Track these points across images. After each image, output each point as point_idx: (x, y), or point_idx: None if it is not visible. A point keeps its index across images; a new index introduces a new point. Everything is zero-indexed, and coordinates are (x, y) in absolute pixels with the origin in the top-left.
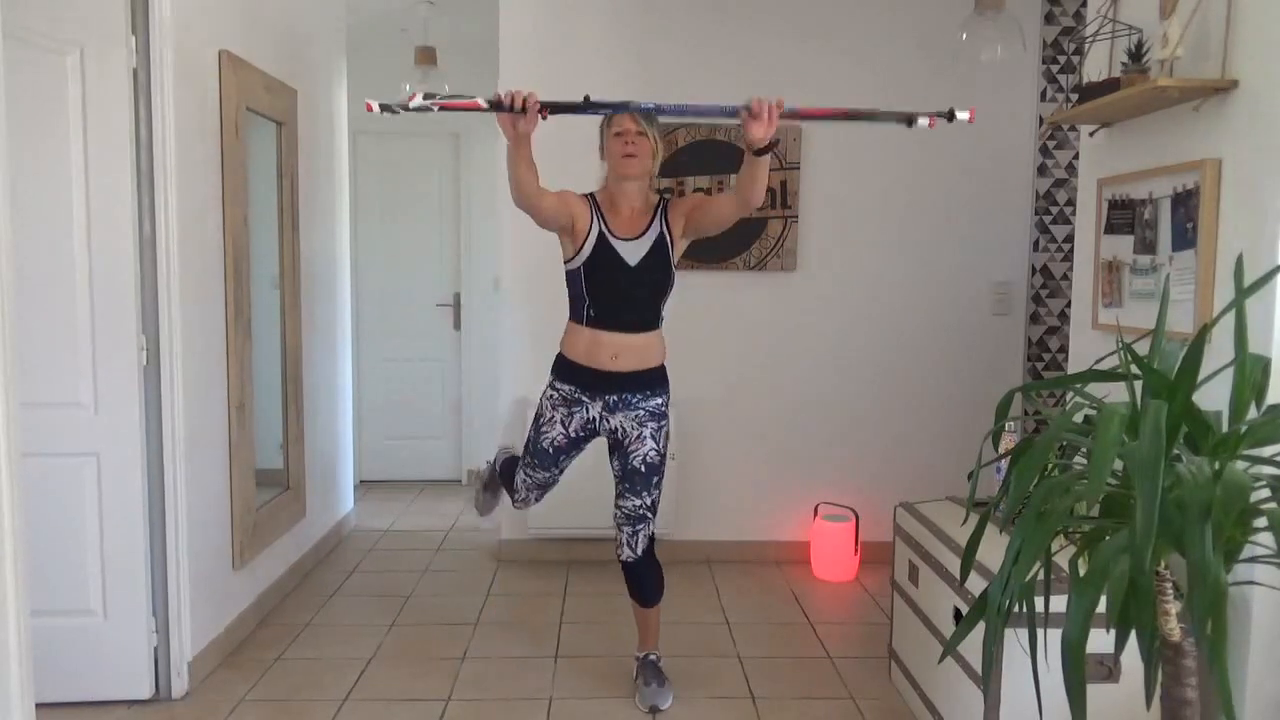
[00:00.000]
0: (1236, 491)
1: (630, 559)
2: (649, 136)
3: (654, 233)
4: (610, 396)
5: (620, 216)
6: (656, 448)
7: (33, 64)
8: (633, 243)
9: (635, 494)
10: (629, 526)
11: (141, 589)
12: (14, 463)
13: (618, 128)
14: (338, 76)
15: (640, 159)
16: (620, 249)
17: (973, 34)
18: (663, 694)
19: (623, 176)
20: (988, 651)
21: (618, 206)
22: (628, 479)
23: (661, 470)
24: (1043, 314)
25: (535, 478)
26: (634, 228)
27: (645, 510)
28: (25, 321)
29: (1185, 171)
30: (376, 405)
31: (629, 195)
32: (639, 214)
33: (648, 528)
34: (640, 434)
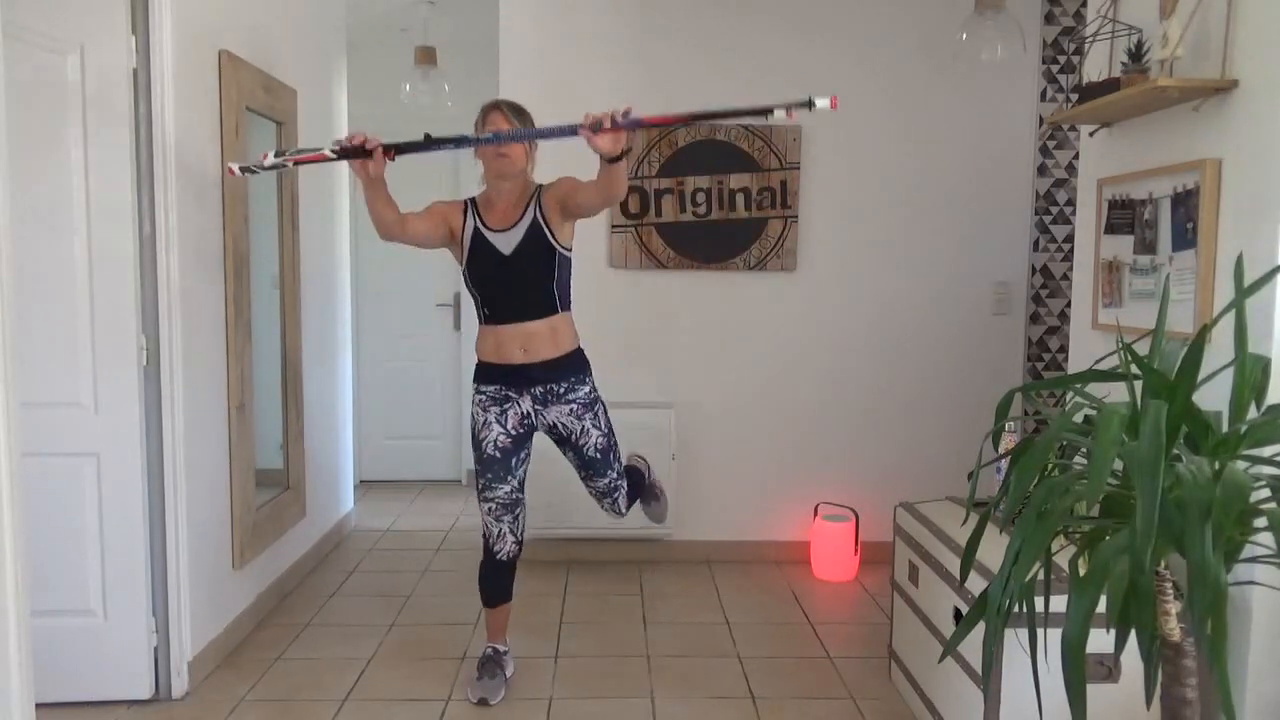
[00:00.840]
0: (1236, 491)
1: (619, 515)
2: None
3: (526, 219)
4: (535, 389)
5: (495, 211)
6: (601, 430)
7: (33, 64)
8: (505, 233)
9: (600, 475)
10: (607, 499)
11: (141, 589)
12: (14, 463)
13: (490, 128)
14: (338, 76)
15: (513, 159)
16: (494, 240)
17: (973, 34)
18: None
19: (497, 176)
20: (988, 651)
21: (493, 204)
22: (587, 466)
23: (614, 445)
24: (1043, 314)
25: (497, 496)
26: (508, 219)
27: (613, 483)
28: (25, 321)
29: (1185, 171)
30: (376, 405)
31: (504, 193)
32: (514, 206)
33: (620, 491)
34: (582, 426)
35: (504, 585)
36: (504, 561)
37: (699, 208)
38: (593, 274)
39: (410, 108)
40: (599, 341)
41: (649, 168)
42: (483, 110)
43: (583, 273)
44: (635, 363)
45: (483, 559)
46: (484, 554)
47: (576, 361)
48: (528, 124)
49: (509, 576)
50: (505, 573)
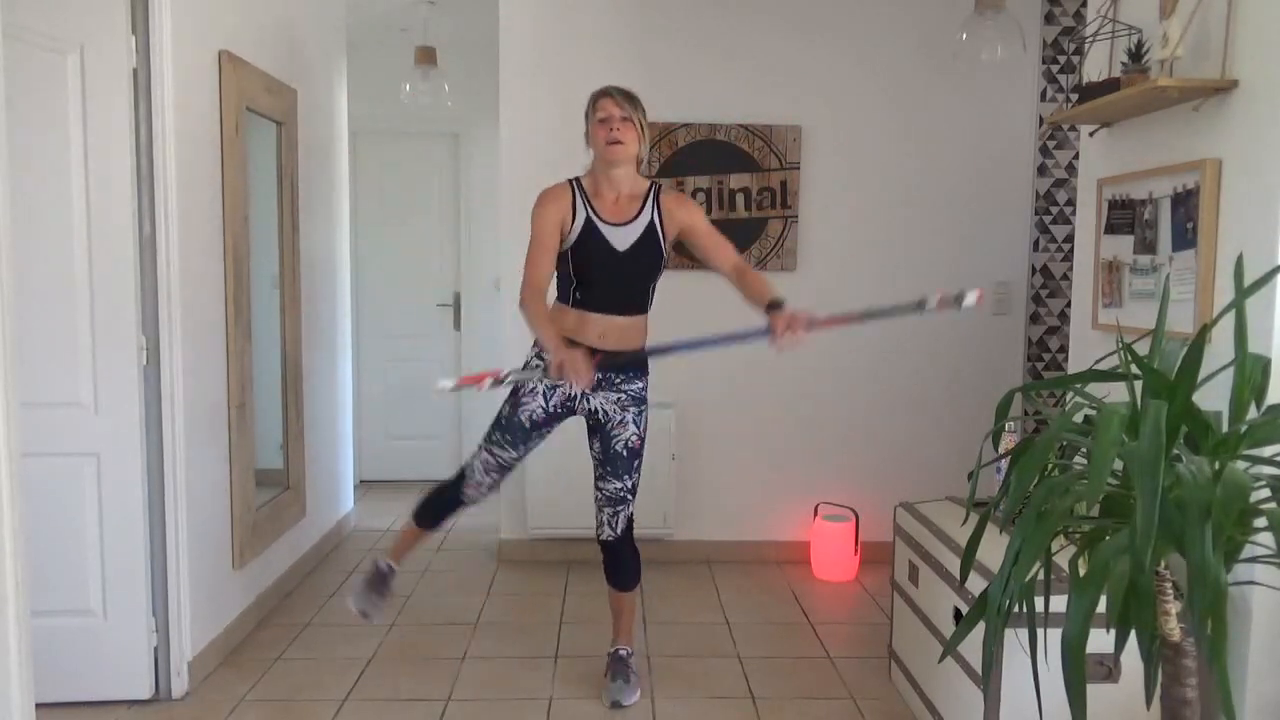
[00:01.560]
0: (1236, 491)
1: (610, 538)
2: (634, 121)
3: (645, 219)
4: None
5: (606, 202)
6: (638, 432)
7: (33, 64)
8: (621, 228)
9: (617, 477)
10: (609, 508)
11: (141, 589)
12: (14, 463)
13: (602, 113)
14: (338, 76)
15: (626, 145)
16: (609, 235)
17: (973, 34)
18: (628, 690)
19: (609, 163)
20: (988, 651)
21: (603, 193)
22: (609, 462)
23: (642, 454)
24: (1043, 314)
25: (500, 457)
26: (622, 213)
27: (626, 493)
28: (25, 321)
29: (1185, 171)
30: (376, 405)
31: (615, 181)
32: (626, 199)
33: (627, 509)
34: (623, 418)
35: (446, 513)
36: (463, 501)
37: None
38: None
39: (410, 108)
40: None
41: (649, 168)
42: (592, 97)
43: None
44: None
45: (444, 484)
46: (449, 482)
47: (642, 359)
48: (639, 110)
49: (453, 510)
50: (454, 508)
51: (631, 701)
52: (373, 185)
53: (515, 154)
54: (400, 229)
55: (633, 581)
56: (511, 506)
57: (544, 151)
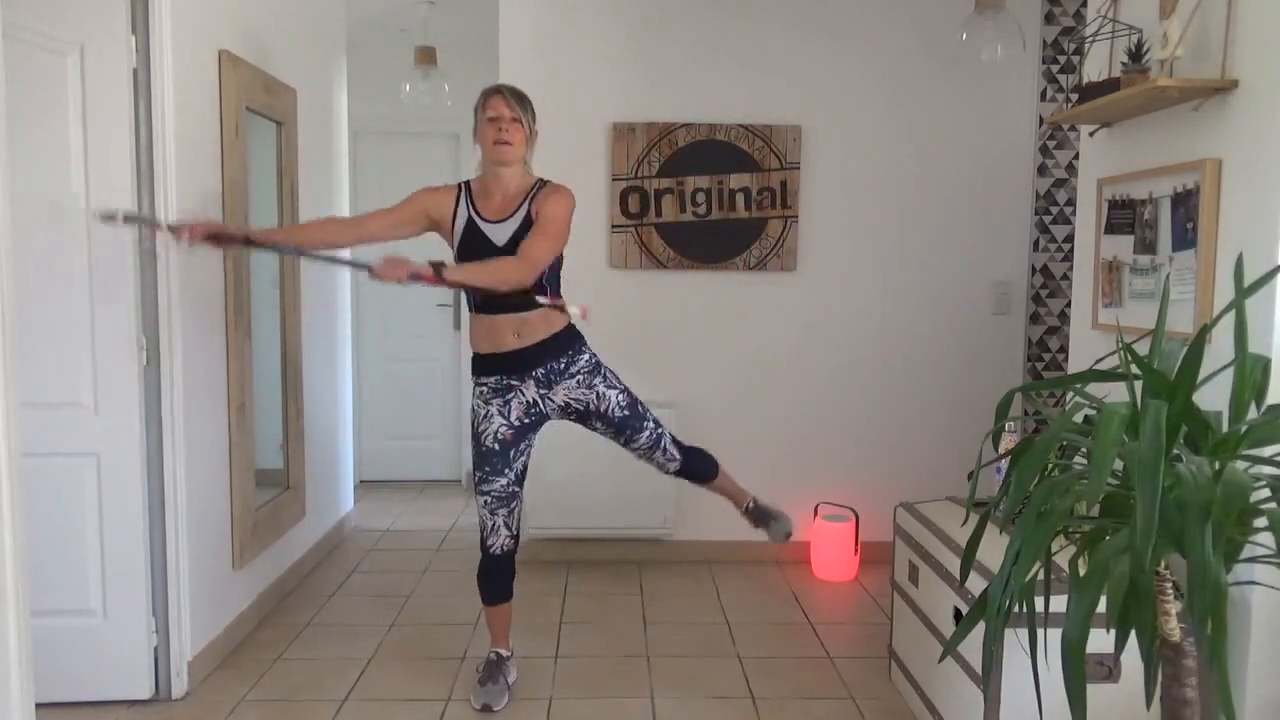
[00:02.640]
0: (1236, 491)
1: (678, 467)
2: (523, 123)
3: (521, 213)
4: (537, 371)
5: (492, 201)
6: (617, 388)
7: (33, 64)
8: (501, 224)
9: (637, 432)
10: (655, 451)
11: (141, 589)
12: (14, 463)
13: (491, 112)
14: (338, 76)
15: (513, 146)
16: (488, 231)
17: (973, 34)
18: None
19: (495, 162)
20: (988, 651)
21: (490, 192)
22: (621, 427)
23: (637, 400)
24: (1043, 314)
25: (494, 491)
26: (504, 210)
27: (654, 433)
28: (25, 321)
29: (1185, 171)
30: (376, 405)
31: (502, 180)
32: (511, 197)
33: (665, 439)
34: (596, 393)
35: (502, 582)
36: (498, 556)
37: (699, 208)
38: (593, 274)
39: (410, 108)
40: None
41: (649, 168)
42: (483, 95)
43: (583, 273)
44: (635, 363)
45: (481, 556)
46: (481, 549)
47: (570, 335)
48: (529, 112)
49: (507, 573)
50: (502, 568)
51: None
52: (373, 185)
53: None
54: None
55: (714, 468)
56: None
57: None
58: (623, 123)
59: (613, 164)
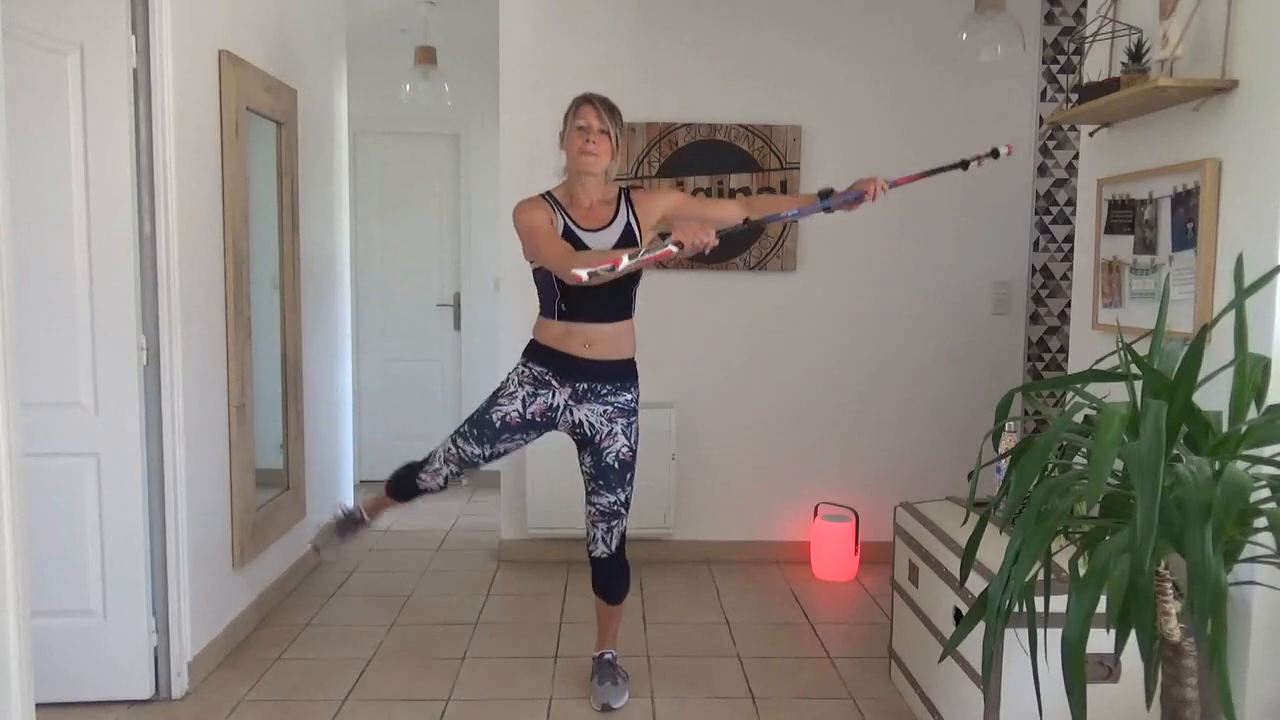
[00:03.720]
0: (1236, 491)
1: (604, 555)
2: (610, 135)
3: (621, 222)
4: (580, 384)
5: (581, 209)
6: (629, 444)
7: (33, 64)
8: (599, 233)
9: (610, 490)
10: (604, 523)
11: (141, 589)
12: (14, 463)
13: (580, 120)
14: (338, 76)
15: (599, 157)
16: (587, 240)
17: (973, 34)
18: (617, 692)
19: (581, 171)
20: (988, 651)
21: (578, 200)
22: (601, 476)
23: (633, 467)
24: (1043, 314)
25: (463, 450)
26: (598, 219)
27: (619, 506)
28: (25, 321)
29: (1185, 171)
30: (376, 405)
31: (588, 189)
32: (600, 205)
33: (621, 523)
34: (611, 430)
35: (410, 494)
36: (418, 486)
37: None
38: None
39: (410, 108)
40: None
41: (649, 168)
42: (574, 102)
43: None
44: None
45: (412, 463)
46: (416, 463)
47: (629, 369)
48: (619, 122)
49: (414, 493)
50: (412, 490)
51: (620, 703)
52: (373, 185)
53: (515, 154)
54: (400, 229)
55: (623, 595)
56: (511, 506)
57: (544, 151)
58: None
59: None
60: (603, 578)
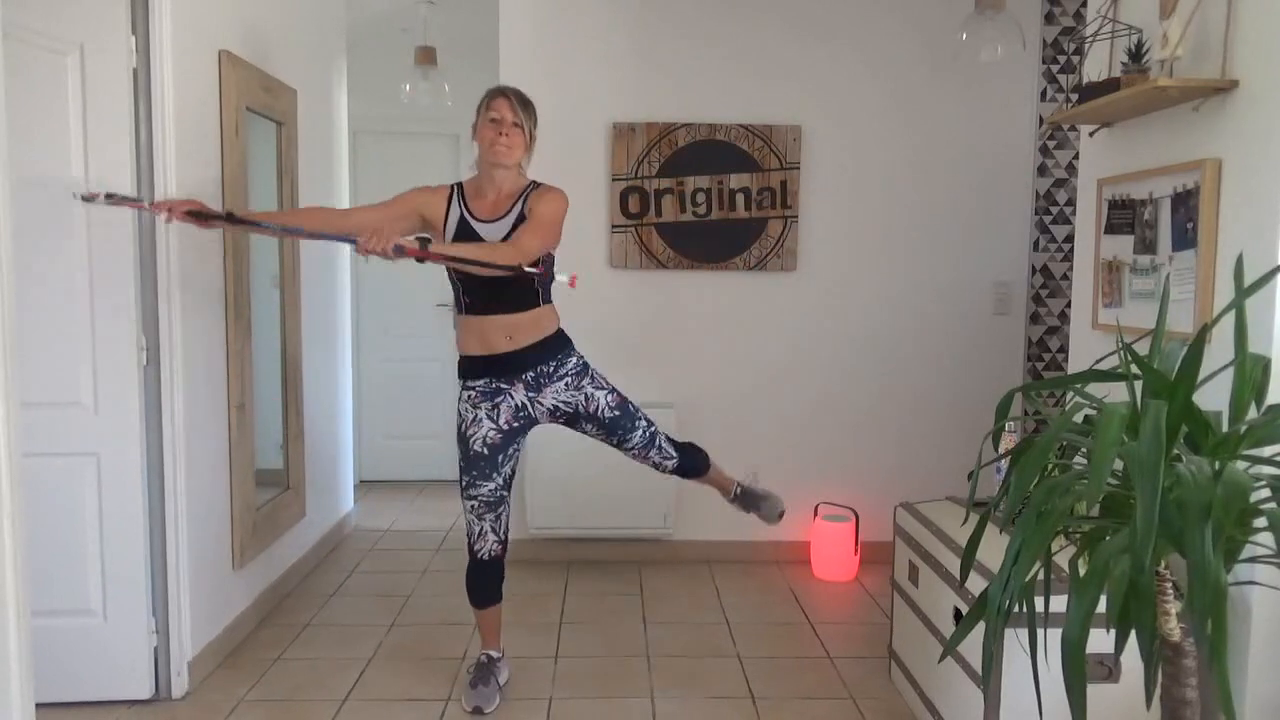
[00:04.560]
0: (1236, 491)
1: (675, 465)
2: (523, 128)
3: (515, 213)
4: (526, 374)
5: (485, 201)
6: (605, 389)
7: (33, 64)
8: (494, 224)
9: (630, 430)
10: (652, 450)
11: (141, 589)
12: (14, 463)
13: (494, 113)
14: (338, 76)
15: (511, 150)
16: (480, 230)
17: (973, 34)
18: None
19: (491, 163)
20: (988, 651)
21: (483, 192)
22: (612, 430)
23: (628, 400)
24: (1043, 314)
25: (480, 494)
26: (497, 210)
27: (647, 432)
28: (25, 321)
29: (1185, 171)
30: (376, 405)
31: (496, 181)
32: (504, 198)
33: (659, 438)
34: (585, 394)
35: (491, 585)
36: (486, 561)
37: (699, 208)
38: (593, 274)
39: (410, 108)
40: (599, 341)
41: (649, 168)
42: (487, 94)
43: (583, 273)
44: (635, 363)
45: (468, 560)
46: (468, 554)
47: (559, 338)
48: (531, 117)
49: (496, 576)
50: (491, 572)
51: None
52: (373, 185)
53: None
54: None
55: (707, 464)
56: (512, 507)
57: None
58: (623, 123)
59: (613, 164)
60: (686, 471)
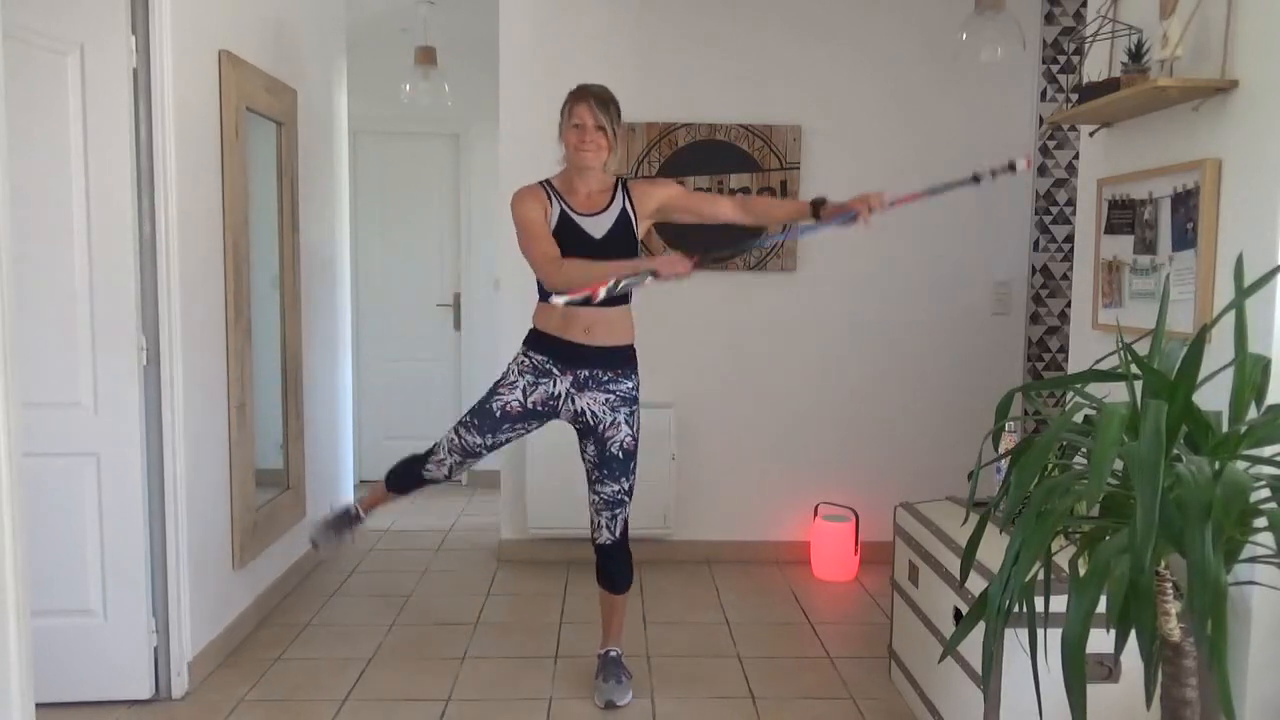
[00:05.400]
0: (1236, 491)
1: (609, 541)
2: (607, 132)
3: (616, 207)
4: (582, 371)
5: (578, 196)
6: (632, 433)
7: (33, 64)
8: (595, 218)
9: (614, 479)
10: (607, 511)
11: (141, 589)
12: (14, 463)
13: (575, 119)
14: (338, 76)
15: (595, 153)
16: (584, 224)
17: (973, 34)
18: (621, 690)
19: (579, 166)
20: (987, 651)
21: (575, 189)
22: (605, 465)
23: (636, 455)
24: (1043, 314)
25: (465, 440)
26: (594, 204)
27: (623, 494)
28: (25, 321)
29: (1185, 171)
30: (376, 405)
31: (586, 180)
32: (597, 193)
33: (625, 511)
34: (615, 419)
35: (411, 485)
36: (423, 476)
37: None
38: None
39: (410, 108)
40: None
41: (649, 168)
42: (569, 98)
43: None
44: None
45: (415, 455)
46: (419, 455)
47: (629, 355)
48: (615, 115)
49: (418, 484)
50: (417, 479)
51: (625, 701)
52: (373, 185)
53: (515, 154)
54: (400, 229)
55: (627, 584)
56: (511, 506)
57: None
58: (623, 122)
59: None
60: (606, 566)
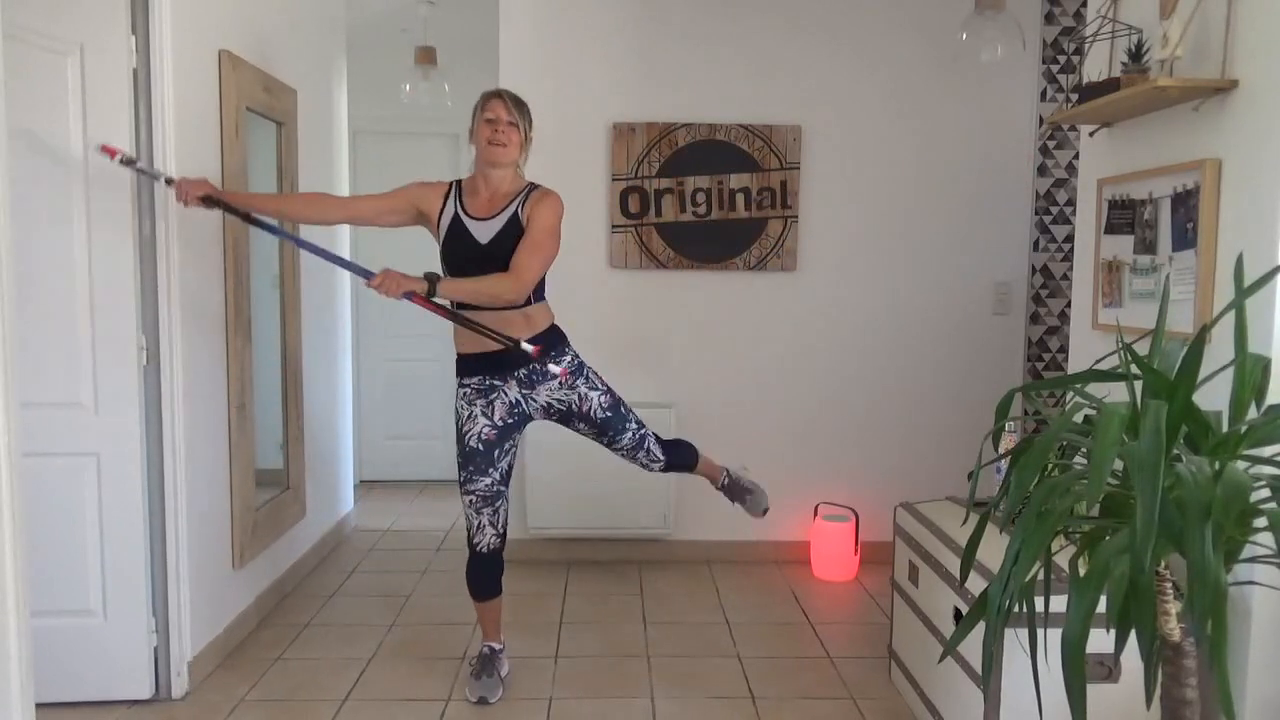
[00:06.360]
0: (1236, 491)
1: (662, 467)
2: (519, 127)
3: (508, 213)
4: (519, 371)
5: (480, 199)
6: (599, 389)
7: (33, 64)
8: (487, 222)
9: (620, 432)
10: (639, 453)
11: (141, 589)
12: (14, 463)
13: (489, 114)
14: (338, 76)
15: (507, 149)
16: (472, 228)
17: (973, 34)
18: (756, 498)
19: (488, 163)
20: (987, 651)
21: (479, 190)
22: (603, 430)
23: (621, 400)
24: (1043, 314)
25: (478, 489)
26: (492, 208)
27: (637, 434)
28: (25, 321)
29: (1185, 171)
30: (376, 405)
31: (492, 181)
32: (500, 197)
33: (648, 440)
34: (579, 393)
35: (491, 579)
36: (485, 554)
37: (699, 208)
38: (592, 274)
39: (410, 108)
40: (599, 341)
41: (649, 168)
42: (483, 97)
43: (583, 273)
44: (635, 363)
45: (468, 554)
46: (468, 548)
47: (553, 335)
48: (526, 118)
49: (495, 570)
50: (490, 566)
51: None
52: (373, 185)
53: None
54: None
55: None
56: (511, 507)
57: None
58: (623, 123)
59: (613, 164)
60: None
